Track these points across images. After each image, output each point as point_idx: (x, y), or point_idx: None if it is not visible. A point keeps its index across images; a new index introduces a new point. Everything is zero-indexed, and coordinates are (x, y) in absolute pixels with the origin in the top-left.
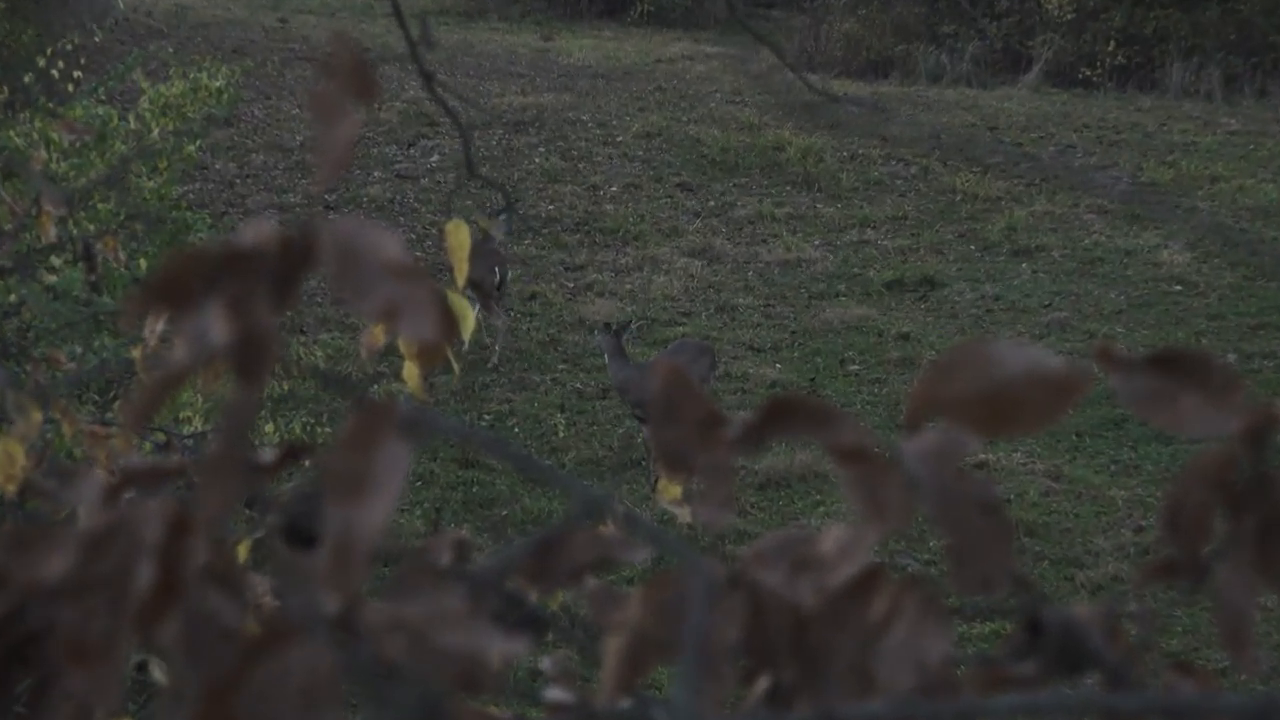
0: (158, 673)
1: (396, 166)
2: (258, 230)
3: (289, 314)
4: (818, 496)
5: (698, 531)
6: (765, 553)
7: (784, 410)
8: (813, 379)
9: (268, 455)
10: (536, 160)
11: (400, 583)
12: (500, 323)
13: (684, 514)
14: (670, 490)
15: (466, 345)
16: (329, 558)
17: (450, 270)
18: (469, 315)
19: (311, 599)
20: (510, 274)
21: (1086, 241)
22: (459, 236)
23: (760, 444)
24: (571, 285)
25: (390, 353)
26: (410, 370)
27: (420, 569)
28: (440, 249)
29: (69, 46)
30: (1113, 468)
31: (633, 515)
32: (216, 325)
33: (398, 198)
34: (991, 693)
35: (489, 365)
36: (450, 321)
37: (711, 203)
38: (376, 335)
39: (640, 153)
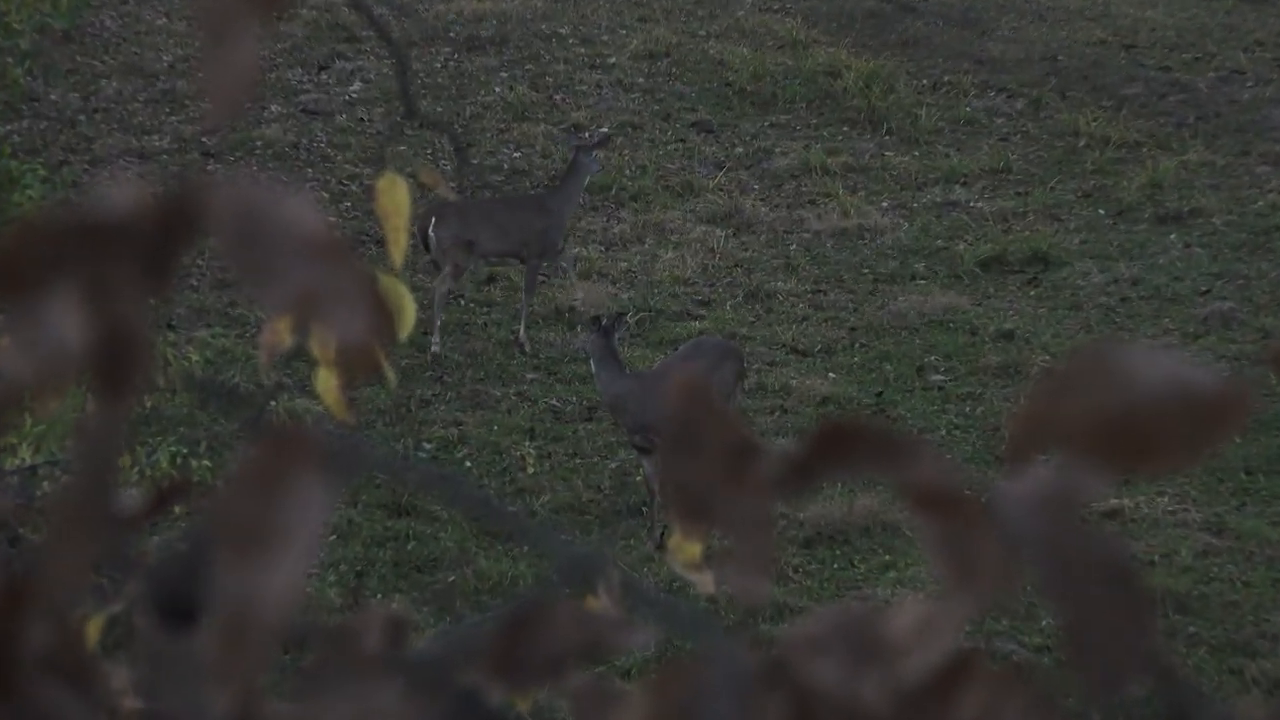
0: None
1: (302, 98)
2: (121, 191)
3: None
4: (886, 556)
5: (722, 605)
6: (815, 635)
7: (840, 438)
8: (880, 394)
9: (131, 500)
10: (497, 90)
11: (314, 675)
12: (527, 301)
13: (703, 581)
14: (685, 549)
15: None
16: (218, 639)
17: (380, 243)
18: (408, 305)
19: (192, 697)
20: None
21: (1259, 204)
22: (394, 197)
23: (808, 484)
24: (546, 264)
25: (297, 357)
26: (327, 381)
27: (340, 657)
28: (364, 213)
29: None
30: None
31: (632, 583)
32: (67, 322)
33: (304, 141)
34: None
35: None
36: (384, 314)
37: (739, 149)
38: (280, 333)
39: (640, 80)
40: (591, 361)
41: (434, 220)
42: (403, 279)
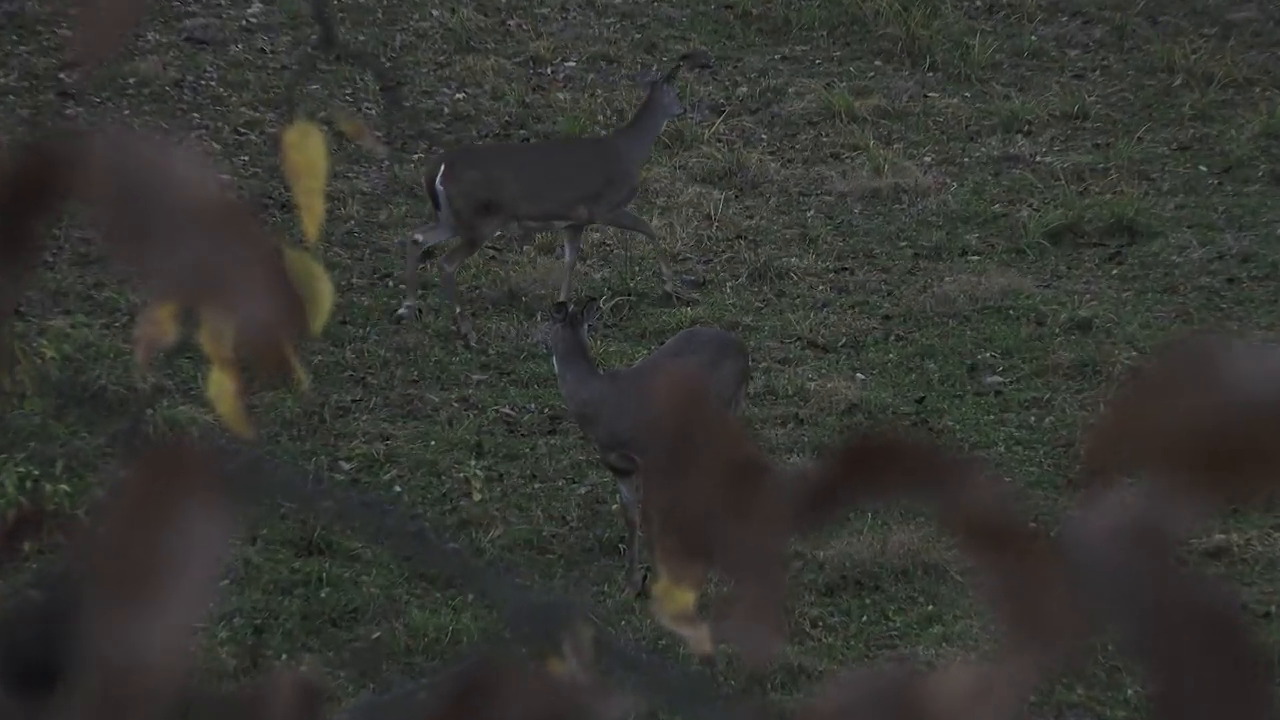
0: None
1: (187, 23)
2: None
3: None
4: (928, 607)
5: (721, 668)
6: (839, 707)
7: (871, 456)
8: (921, 400)
9: None
10: (435, 14)
11: None
12: (568, 279)
13: (698, 638)
14: (674, 596)
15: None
16: (86, 711)
17: (287, 209)
18: (324, 288)
19: None
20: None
21: None
22: (307, 151)
23: (831, 515)
24: (497, 234)
25: (182, 353)
26: (220, 384)
27: None
28: (267, 171)
29: None
30: None
31: (607, 639)
32: None
33: (189, 79)
34: None
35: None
36: (293, 300)
37: (743, 89)
38: (161, 323)
39: (617, 1)
40: (554, 359)
41: (443, 170)
42: (317, 255)
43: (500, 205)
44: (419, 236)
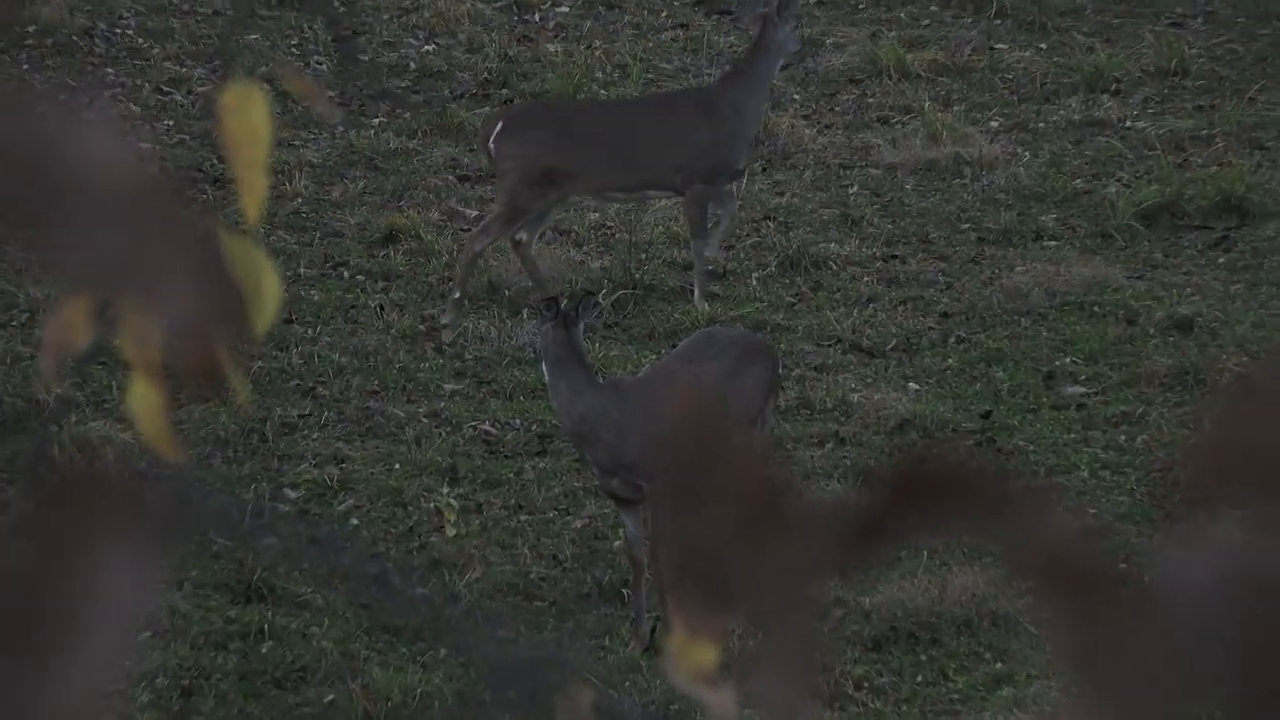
0: None
1: None
2: None
3: None
4: (996, 665)
5: None
6: None
7: (926, 483)
8: (987, 414)
9: None
10: None
11: None
12: (699, 258)
13: (719, 703)
14: (691, 652)
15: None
16: None
17: (221, 184)
18: (268, 280)
19: None
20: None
21: None
22: (248, 115)
23: (879, 553)
24: (476, 212)
25: (97, 358)
26: (143, 395)
27: None
28: (198, 138)
29: None
30: None
31: (610, 704)
32: None
33: (100, 27)
34: None
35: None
36: (231, 294)
37: None
38: (72, 323)
39: None
40: (545, 365)
41: (499, 129)
42: (258, 240)
43: (567, 174)
44: (479, 244)
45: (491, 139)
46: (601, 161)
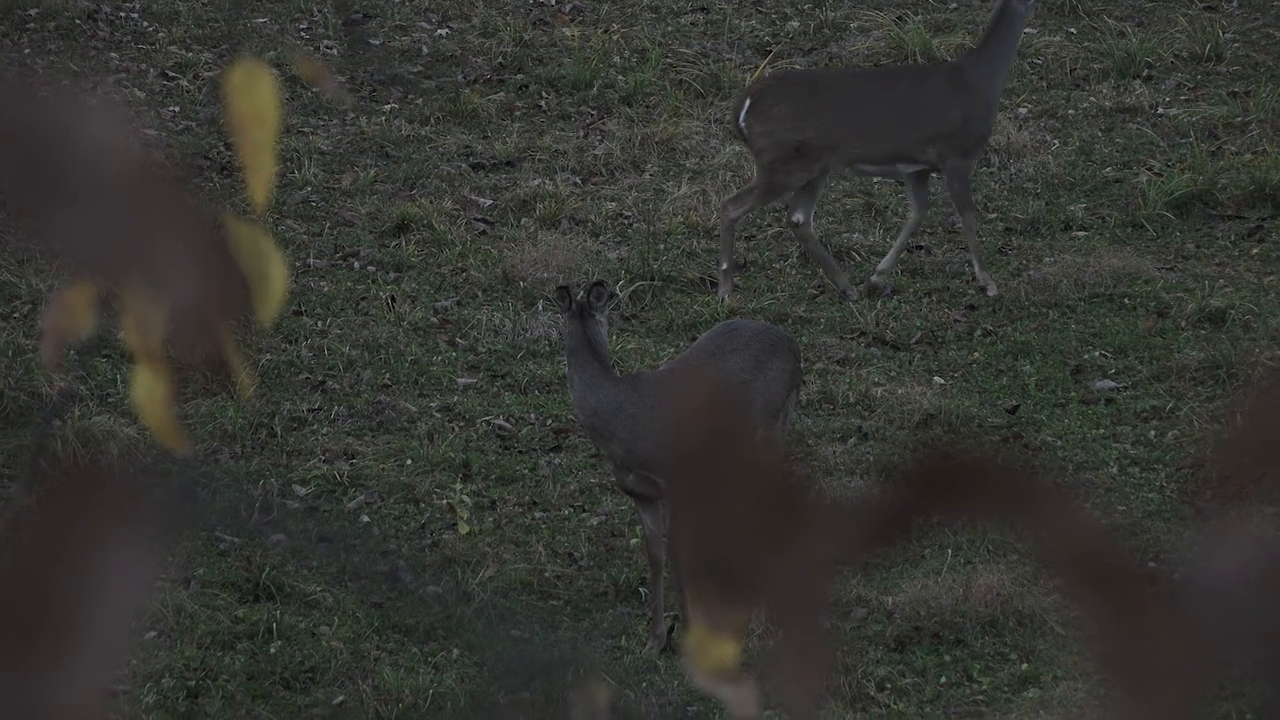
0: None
1: None
2: None
3: None
4: (1023, 665)
5: None
6: None
7: (951, 479)
8: (1014, 408)
9: None
10: None
11: None
12: (968, 234)
13: (740, 701)
14: (711, 650)
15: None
16: None
17: (228, 171)
18: (276, 268)
19: None
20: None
21: None
22: (254, 97)
23: (902, 551)
24: (490, 201)
25: (101, 349)
26: (148, 387)
27: None
28: (205, 124)
29: None
30: None
31: (628, 706)
32: None
33: (105, 10)
34: None
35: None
36: (236, 281)
37: (793, 22)
38: (76, 311)
39: None
40: (565, 356)
41: (749, 104)
42: (266, 229)
43: (820, 147)
44: (798, 218)
45: (741, 115)
46: (853, 133)
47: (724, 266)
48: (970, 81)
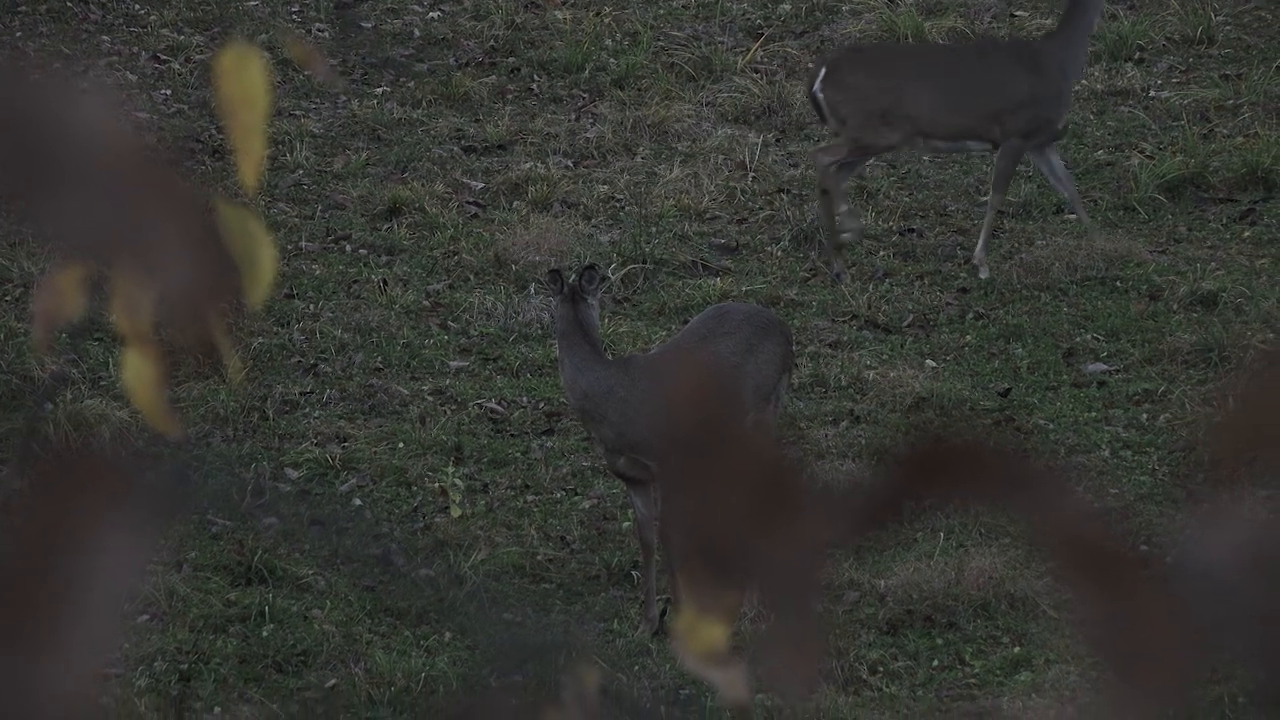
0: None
1: None
2: None
3: None
4: (1014, 648)
5: (758, 717)
6: None
7: (943, 462)
8: (1006, 392)
9: None
10: None
11: None
12: (993, 206)
13: (730, 683)
14: (701, 632)
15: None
16: None
17: (219, 154)
18: (265, 251)
19: None
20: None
21: None
22: (245, 80)
23: (894, 534)
24: (482, 184)
25: (93, 333)
26: (138, 368)
27: None
28: (196, 107)
29: None
30: None
31: (618, 688)
32: None
33: None
34: None
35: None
36: (226, 264)
37: (785, 6)
38: (66, 292)
39: None
40: (556, 339)
41: (824, 74)
42: (257, 211)
43: (899, 117)
44: (826, 158)
45: (816, 84)
46: (924, 106)
47: (843, 209)
48: (1042, 62)
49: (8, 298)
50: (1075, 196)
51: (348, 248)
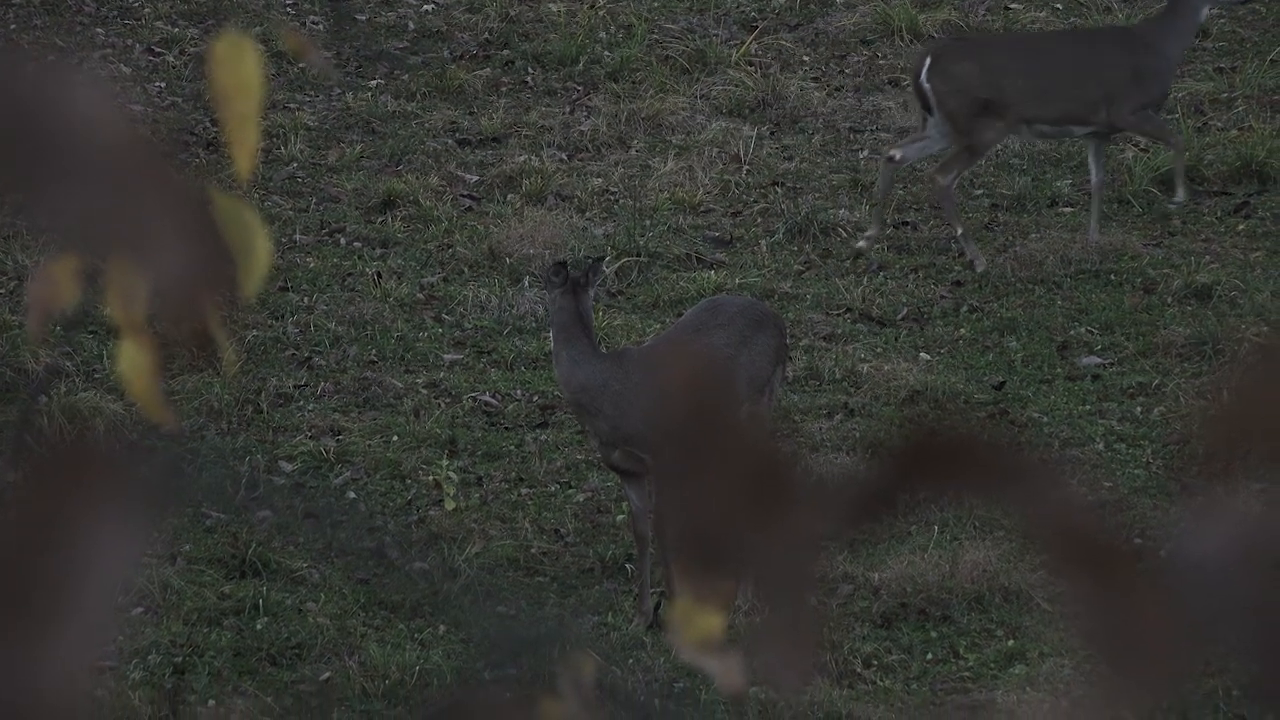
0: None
1: None
2: None
3: None
4: (1009, 641)
5: (752, 714)
6: None
7: (937, 455)
8: (1001, 384)
9: None
10: None
11: None
12: (1096, 199)
13: (725, 673)
14: (697, 622)
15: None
16: None
17: (213, 147)
18: (259, 241)
19: None
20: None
21: None
22: (239, 69)
23: (888, 526)
24: (476, 177)
25: (87, 327)
26: (132, 360)
27: None
28: (190, 99)
29: None
30: None
31: (613, 681)
32: None
33: None
34: None
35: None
36: (220, 254)
37: None
38: (59, 283)
39: None
40: (551, 332)
41: (929, 64)
42: (251, 202)
43: (1004, 105)
44: (896, 153)
45: (921, 74)
46: (1027, 93)
47: (959, 232)
48: (1144, 46)
49: (1, 290)
50: (1100, 190)
51: (342, 240)
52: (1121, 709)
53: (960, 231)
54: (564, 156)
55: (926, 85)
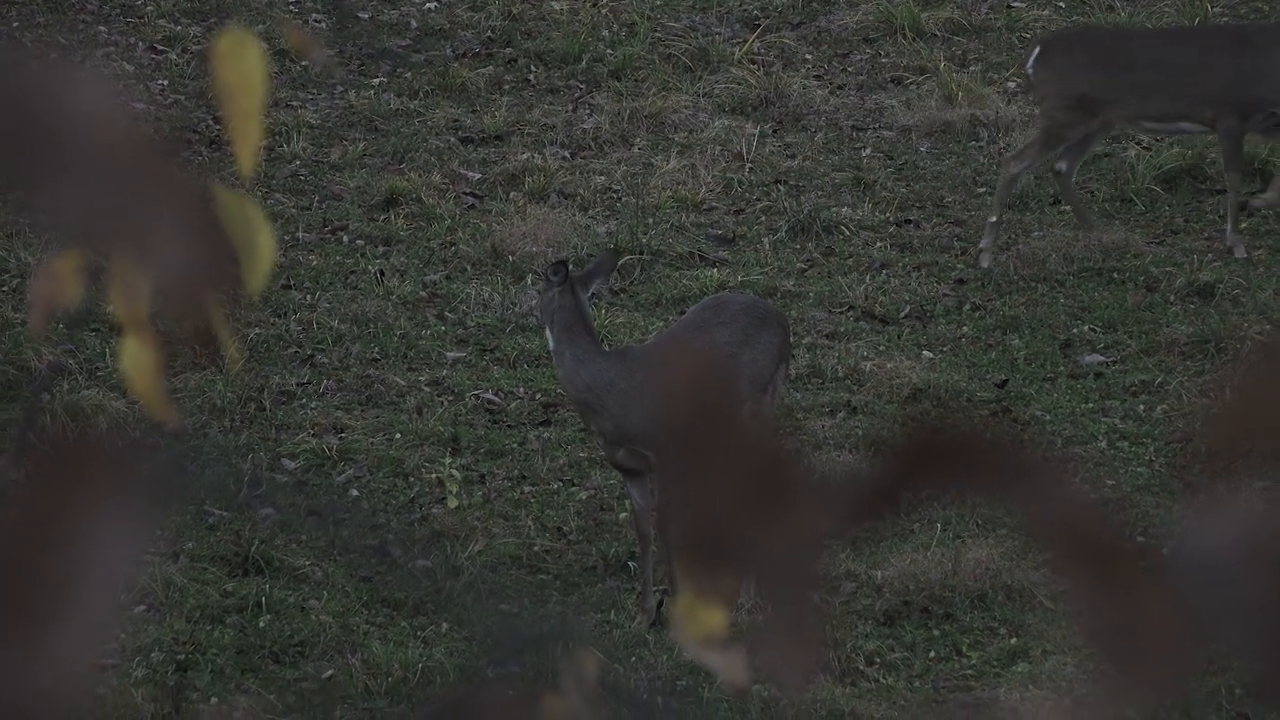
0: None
1: None
2: None
3: None
4: (1011, 640)
5: (755, 712)
6: None
7: (940, 453)
8: (1003, 383)
9: None
10: None
11: None
12: (1231, 200)
13: (728, 669)
14: (700, 618)
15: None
16: None
17: (216, 145)
18: (263, 238)
19: None
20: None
21: None
22: (241, 66)
23: (890, 524)
24: (479, 175)
25: (90, 325)
26: (135, 358)
27: None
28: (193, 97)
29: None
30: None
31: (616, 677)
32: None
33: None
34: None
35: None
36: (224, 251)
37: None
38: (62, 280)
39: None
40: (550, 332)
41: (1037, 52)
42: (254, 197)
43: (1100, 101)
44: (1015, 167)
45: (1030, 63)
46: (1135, 89)
47: (993, 219)
48: (1253, 46)
49: (4, 288)
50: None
51: (345, 238)
52: (1124, 707)
53: (994, 219)
54: (566, 154)
55: (1030, 73)
